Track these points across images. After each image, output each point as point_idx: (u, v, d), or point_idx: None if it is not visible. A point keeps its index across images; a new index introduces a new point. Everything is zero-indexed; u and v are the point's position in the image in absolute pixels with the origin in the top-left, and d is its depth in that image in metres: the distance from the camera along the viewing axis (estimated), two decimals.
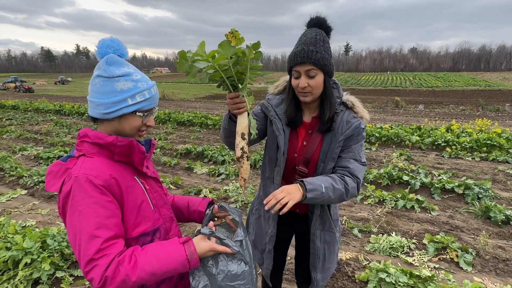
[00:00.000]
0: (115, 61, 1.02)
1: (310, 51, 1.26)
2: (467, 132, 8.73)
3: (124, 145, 1.03)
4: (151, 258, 0.95)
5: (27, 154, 6.96)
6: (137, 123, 1.06)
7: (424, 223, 3.71)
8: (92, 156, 1.02)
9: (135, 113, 1.04)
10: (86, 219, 0.91)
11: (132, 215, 1.04)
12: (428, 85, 53.87)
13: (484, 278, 2.65)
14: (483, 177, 5.39)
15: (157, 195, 1.17)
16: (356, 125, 1.35)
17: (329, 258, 1.55)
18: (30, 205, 4.24)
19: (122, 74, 1.01)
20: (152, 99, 1.07)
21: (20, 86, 39.85)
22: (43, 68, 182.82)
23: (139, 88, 1.03)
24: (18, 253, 2.51)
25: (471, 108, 21.58)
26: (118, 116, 1.02)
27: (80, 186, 0.93)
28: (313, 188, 1.23)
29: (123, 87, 1.00)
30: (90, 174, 0.95)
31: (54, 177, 1.00)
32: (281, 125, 1.43)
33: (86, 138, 1.03)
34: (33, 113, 15.04)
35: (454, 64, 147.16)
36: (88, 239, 0.90)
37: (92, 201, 0.93)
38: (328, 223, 1.50)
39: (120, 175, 1.03)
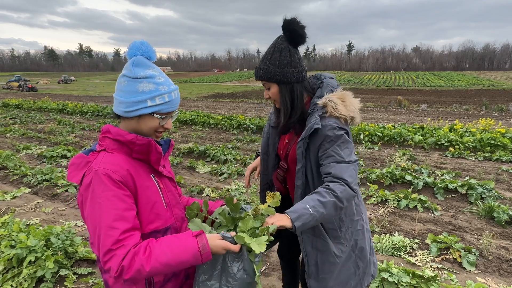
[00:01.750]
0: (141, 63, 1.06)
1: (257, 69, 1.42)
2: (471, 131, 8.68)
3: (143, 144, 1.06)
4: (166, 249, 0.99)
5: (30, 153, 7.00)
6: (154, 124, 1.09)
7: (427, 223, 3.70)
8: (113, 151, 1.07)
9: (153, 114, 1.07)
10: (106, 211, 0.96)
11: (145, 212, 1.07)
12: (431, 85, 53.59)
13: (487, 278, 2.64)
14: (487, 177, 5.36)
15: (170, 194, 1.20)
16: (310, 127, 1.34)
17: (323, 269, 1.46)
18: (33, 203, 4.26)
19: (145, 76, 1.05)
20: (172, 102, 1.10)
21: (24, 85, 40.10)
22: (46, 67, 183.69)
23: (160, 91, 1.06)
24: (22, 251, 2.52)
25: (475, 108, 21.43)
26: (137, 115, 1.07)
27: (100, 179, 0.98)
28: (298, 215, 1.17)
29: (144, 89, 1.05)
30: (109, 169, 1.00)
31: (75, 169, 1.05)
32: (267, 128, 1.66)
33: (108, 134, 1.08)
34: (36, 112, 15.13)
35: (457, 63, 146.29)
36: (107, 230, 0.94)
37: (111, 194, 0.97)
38: (317, 229, 1.43)
39: (137, 172, 1.07)
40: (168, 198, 1.18)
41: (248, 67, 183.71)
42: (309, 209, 1.19)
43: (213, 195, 4.51)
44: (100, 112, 14.33)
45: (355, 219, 1.49)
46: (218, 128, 10.85)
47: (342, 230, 1.45)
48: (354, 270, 1.49)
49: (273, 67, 1.36)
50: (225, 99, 30.85)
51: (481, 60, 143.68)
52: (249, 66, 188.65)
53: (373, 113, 17.89)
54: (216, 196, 4.46)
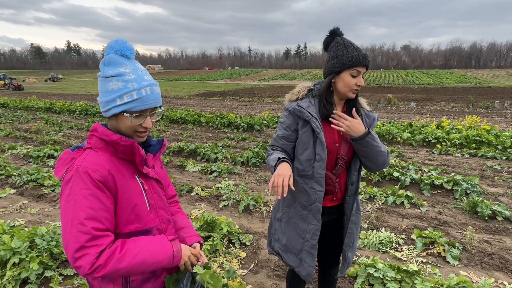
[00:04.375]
0: (112, 62, 1.05)
1: (366, 55, 1.49)
2: (457, 129, 8.86)
3: (126, 145, 1.06)
4: (142, 247, 1.02)
5: (16, 153, 6.85)
6: (128, 124, 1.07)
7: (413, 219, 3.77)
8: (98, 150, 1.07)
9: (123, 113, 1.05)
10: (81, 209, 0.96)
11: (125, 212, 1.07)
12: (420, 82, 54.45)
13: (470, 271, 2.71)
14: (472, 173, 5.49)
15: (156, 196, 1.19)
16: (376, 118, 1.68)
17: (356, 237, 1.74)
18: (19, 204, 4.18)
19: (115, 74, 1.03)
20: (143, 100, 1.05)
21: (10, 84, 39.16)
22: (33, 65, 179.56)
23: (128, 89, 1.03)
24: (6, 253, 2.47)
25: (462, 105, 21.86)
26: (112, 115, 1.06)
27: (80, 177, 0.98)
28: (374, 137, 1.49)
29: (113, 87, 1.03)
30: (90, 167, 1.00)
31: (61, 164, 1.07)
32: (319, 123, 1.52)
33: (95, 133, 1.08)
34: (22, 111, 14.79)
35: (445, 61, 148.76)
36: (81, 226, 0.94)
37: (88, 192, 0.98)
38: (357, 206, 1.69)
39: (119, 172, 1.07)
40: (153, 199, 1.16)
41: (239, 65, 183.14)
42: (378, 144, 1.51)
43: (202, 193, 4.49)
44: (89, 111, 14.11)
45: None
46: (209, 127, 10.81)
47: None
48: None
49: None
50: (216, 97, 30.73)
51: (469, 58, 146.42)
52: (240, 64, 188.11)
53: None
54: (206, 195, 4.45)
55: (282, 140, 1.62)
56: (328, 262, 1.91)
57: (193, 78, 79.74)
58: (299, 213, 1.62)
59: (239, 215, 3.86)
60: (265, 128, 10.37)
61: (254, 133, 9.72)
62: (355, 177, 1.63)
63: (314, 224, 1.57)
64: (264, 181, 5.19)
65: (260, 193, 4.57)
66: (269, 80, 71.09)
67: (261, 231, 3.44)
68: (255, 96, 32.40)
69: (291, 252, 1.66)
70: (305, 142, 1.56)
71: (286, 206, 1.69)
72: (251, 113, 15.46)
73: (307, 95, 1.63)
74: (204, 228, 3.17)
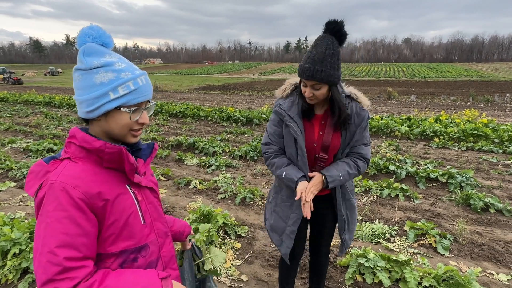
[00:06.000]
0: (94, 51, 0.89)
1: (316, 70, 1.39)
2: (455, 122, 8.88)
3: (113, 153, 0.91)
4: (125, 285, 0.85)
5: (16, 147, 6.90)
6: (125, 120, 0.93)
7: (407, 211, 3.83)
8: (78, 161, 0.91)
9: (119, 108, 0.91)
10: (52, 234, 0.80)
11: (116, 228, 0.93)
12: (421, 76, 54.20)
13: (459, 262, 2.77)
14: (468, 166, 5.54)
15: (151, 206, 1.05)
16: (367, 117, 1.59)
17: (351, 221, 1.83)
18: (19, 197, 4.24)
19: (101, 64, 0.88)
20: (140, 91, 0.92)
21: (9, 78, 39.07)
22: (32, 59, 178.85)
23: (122, 79, 0.89)
24: (6, 244, 2.54)
25: (462, 99, 21.83)
26: (103, 113, 0.91)
27: (54, 195, 0.83)
28: (332, 179, 1.57)
29: (103, 79, 0.88)
30: (68, 183, 0.84)
31: (33, 179, 0.90)
32: (296, 126, 1.57)
33: (73, 140, 0.92)
34: (22, 105, 14.81)
35: (447, 54, 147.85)
36: (51, 256, 0.79)
37: (63, 215, 0.82)
38: (347, 194, 1.76)
39: (106, 184, 0.92)
40: (147, 212, 1.03)
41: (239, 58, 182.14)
42: (340, 177, 1.58)
43: (200, 186, 4.55)
44: None
45: None
46: (208, 121, 10.83)
47: (353, 187, 1.85)
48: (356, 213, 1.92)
49: (333, 71, 1.42)
50: (216, 91, 30.67)
51: (470, 51, 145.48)
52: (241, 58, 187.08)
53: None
54: (203, 188, 4.51)
55: (274, 137, 1.68)
56: (318, 251, 1.97)
57: (193, 72, 79.41)
58: (285, 201, 1.74)
59: (236, 208, 3.92)
60: (264, 122, 10.39)
61: (253, 127, 9.76)
62: None
63: (297, 213, 1.69)
64: (261, 174, 5.24)
65: (257, 186, 4.63)
66: (269, 74, 70.80)
67: (257, 223, 3.50)
68: (255, 90, 32.33)
69: (275, 232, 1.81)
70: (287, 141, 1.64)
71: (275, 192, 1.82)
72: (251, 107, 15.47)
73: (292, 93, 1.65)
74: (200, 220, 3.23)
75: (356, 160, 1.63)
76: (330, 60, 1.39)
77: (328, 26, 1.41)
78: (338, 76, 1.45)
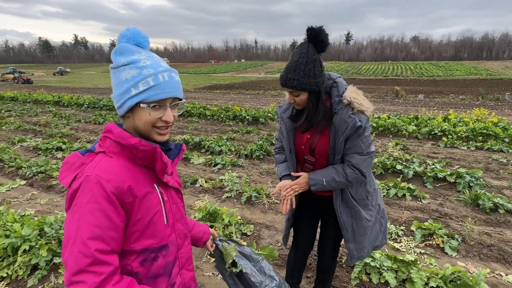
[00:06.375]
0: (124, 50, 0.93)
1: (288, 79, 1.45)
2: (464, 121, 8.76)
3: (147, 151, 0.93)
4: None
5: (26, 145, 7.03)
6: (146, 117, 0.93)
7: (414, 211, 3.79)
8: (112, 156, 0.93)
9: (139, 105, 0.91)
10: (85, 225, 0.83)
11: (141, 226, 0.94)
12: (429, 75, 53.48)
13: (467, 262, 2.74)
14: (477, 166, 5.46)
15: (175, 207, 1.07)
16: (352, 125, 1.48)
17: (359, 233, 1.72)
18: (29, 195, 4.32)
19: (127, 62, 0.91)
20: (160, 87, 0.91)
21: (19, 77, 39.74)
22: (41, 59, 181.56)
23: (143, 75, 0.90)
24: (17, 240, 2.59)
25: (471, 98, 21.49)
26: (128, 110, 0.93)
27: (89, 187, 0.85)
28: (314, 182, 1.60)
29: (127, 76, 0.91)
30: (102, 176, 0.87)
31: (67, 169, 0.93)
32: (284, 128, 1.68)
33: (109, 134, 0.94)
34: (32, 105, 15.06)
35: (456, 52, 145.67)
36: (84, 247, 0.81)
37: (96, 207, 0.85)
38: (350, 201, 1.68)
39: (137, 181, 0.94)
40: (171, 212, 1.05)
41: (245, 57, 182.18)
42: (324, 182, 1.58)
43: (206, 185, 4.57)
44: (96, 104, 14.28)
45: (376, 187, 1.79)
46: (214, 120, 10.87)
47: (369, 198, 1.72)
48: (379, 227, 1.82)
49: (307, 78, 1.43)
50: (222, 90, 30.73)
51: (480, 49, 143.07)
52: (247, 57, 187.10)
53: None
54: (209, 187, 4.53)
55: (280, 135, 1.80)
56: (322, 251, 1.98)
57: (199, 71, 79.65)
58: None
59: (242, 206, 3.93)
60: (270, 121, 10.39)
61: (259, 126, 9.76)
62: None
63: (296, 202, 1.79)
64: (267, 173, 5.25)
65: (262, 185, 4.63)
66: (275, 73, 70.64)
67: (262, 221, 3.51)
68: (261, 89, 32.30)
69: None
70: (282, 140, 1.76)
71: None
72: (257, 106, 15.46)
73: None
74: (206, 218, 3.25)
75: (346, 168, 1.57)
76: (303, 68, 1.42)
77: (306, 33, 1.43)
78: (315, 83, 1.45)
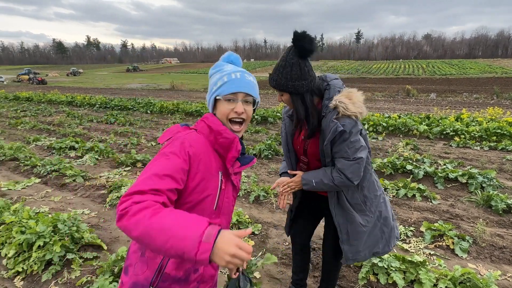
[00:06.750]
0: (218, 65, 1.22)
1: (271, 78, 1.56)
2: (477, 121, 8.57)
3: (227, 138, 1.11)
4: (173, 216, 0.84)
5: (40, 145, 7.22)
6: (222, 108, 1.14)
7: (424, 212, 3.75)
8: (201, 135, 1.13)
9: (217, 98, 1.15)
10: (158, 163, 0.99)
11: (193, 199, 1.06)
12: (442, 73, 52.42)
13: (478, 264, 2.69)
14: (490, 166, 5.34)
15: (227, 201, 1.18)
16: (333, 129, 1.50)
17: (353, 236, 1.73)
18: (43, 192, 4.45)
19: (216, 70, 1.19)
20: (231, 82, 1.12)
21: (34, 78, 40.75)
22: (55, 60, 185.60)
23: (222, 76, 1.15)
24: (31, 237, 2.68)
25: (486, 97, 20.97)
26: (213, 106, 1.18)
27: (175, 142, 1.05)
28: (305, 182, 1.68)
29: (214, 80, 1.18)
30: (188, 140, 1.06)
31: (167, 133, 1.15)
32: (284, 128, 1.81)
33: (205, 119, 1.16)
34: (46, 105, 15.44)
35: (470, 50, 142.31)
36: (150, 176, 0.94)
37: (172, 155, 1.01)
38: (345, 205, 1.70)
39: (208, 161, 1.10)
40: (221, 203, 1.15)
41: (255, 57, 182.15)
42: (313, 183, 1.65)
43: None
44: (107, 104, 14.54)
45: (377, 194, 1.75)
46: None
47: (367, 204, 1.72)
48: (381, 235, 1.79)
49: (285, 80, 1.51)
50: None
51: (495, 47, 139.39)
52: (256, 56, 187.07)
53: (380, 103, 17.70)
54: None
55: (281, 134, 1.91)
56: (326, 252, 2.01)
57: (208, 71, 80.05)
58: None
59: (250, 206, 3.96)
60: (278, 120, 10.38)
61: (268, 125, 9.76)
62: None
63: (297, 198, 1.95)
64: (275, 173, 5.25)
65: (270, 184, 4.65)
66: None
67: (270, 221, 3.52)
68: (270, 88, 32.28)
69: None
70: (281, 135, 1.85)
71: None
72: (266, 106, 15.46)
73: None
74: None
75: (333, 171, 1.60)
76: (282, 71, 1.50)
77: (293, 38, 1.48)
78: (292, 86, 1.50)
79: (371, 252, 1.79)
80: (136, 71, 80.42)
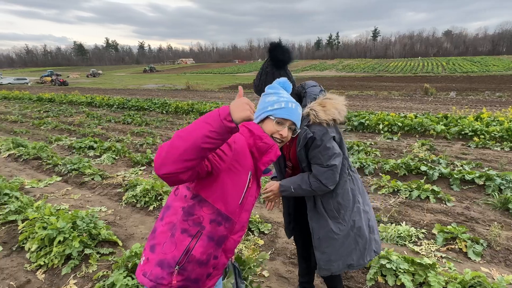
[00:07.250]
0: (273, 87, 1.44)
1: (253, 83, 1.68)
2: (499, 120, 8.26)
3: (267, 143, 1.28)
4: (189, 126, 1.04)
5: (61, 144, 7.53)
6: (270, 127, 1.34)
7: (438, 214, 3.68)
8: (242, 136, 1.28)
9: (269, 117, 1.34)
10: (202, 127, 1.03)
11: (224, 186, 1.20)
12: (463, 71, 50.69)
13: (492, 268, 2.63)
14: (510, 168, 5.17)
15: (250, 199, 1.32)
16: (303, 136, 1.58)
17: (325, 243, 1.73)
18: (64, 190, 4.66)
19: (273, 92, 1.41)
20: (286, 110, 1.35)
21: (56, 80, 42.34)
22: (76, 62, 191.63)
23: (279, 101, 1.36)
24: (52, 232, 2.83)
25: (509, 95, 20.13)
26: (261, 120, 1.37)
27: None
28: (283, 189, 1.73)
29: (269, 99, 1.39)
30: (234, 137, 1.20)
31: None
32: None
33: (246, 124, 1.33)
34: (67, 106, 16.03)
35: (493, 47, 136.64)
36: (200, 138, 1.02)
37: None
38: (319, 209, 1.74)
39: (244, 158, 1.24)
40: (246, 199, 1.28)
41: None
42: (292, 189, 1.70)
43: None
44: (125, 104, 14.95)
45: (351, 203, 1.73)
46: None
47: (341, 212, 1.72)
48: (354, 246, 1.74)
49: (261, 87, 1.58)
50: (246, 90, 30.94)
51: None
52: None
53: (397, 102, 17.32)
54: None
55: None
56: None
57: (223, 71, 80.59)
58: None
59: (260, 206, 4.00)
60: None
61: None
62: None
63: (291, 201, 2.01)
64: None
65: None
66: (299, 72, 70.02)
67: (280, 221, 3.56)
68: None
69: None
70: None
71: None
72: None
73: None
74: None
75: (310, 177, 1.65)
76: (259, 77, 1.62)
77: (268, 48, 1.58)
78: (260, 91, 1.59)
79: (345, 263, 1.74)
80: (152, 71, 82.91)
